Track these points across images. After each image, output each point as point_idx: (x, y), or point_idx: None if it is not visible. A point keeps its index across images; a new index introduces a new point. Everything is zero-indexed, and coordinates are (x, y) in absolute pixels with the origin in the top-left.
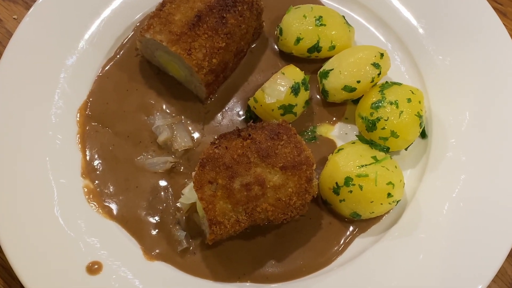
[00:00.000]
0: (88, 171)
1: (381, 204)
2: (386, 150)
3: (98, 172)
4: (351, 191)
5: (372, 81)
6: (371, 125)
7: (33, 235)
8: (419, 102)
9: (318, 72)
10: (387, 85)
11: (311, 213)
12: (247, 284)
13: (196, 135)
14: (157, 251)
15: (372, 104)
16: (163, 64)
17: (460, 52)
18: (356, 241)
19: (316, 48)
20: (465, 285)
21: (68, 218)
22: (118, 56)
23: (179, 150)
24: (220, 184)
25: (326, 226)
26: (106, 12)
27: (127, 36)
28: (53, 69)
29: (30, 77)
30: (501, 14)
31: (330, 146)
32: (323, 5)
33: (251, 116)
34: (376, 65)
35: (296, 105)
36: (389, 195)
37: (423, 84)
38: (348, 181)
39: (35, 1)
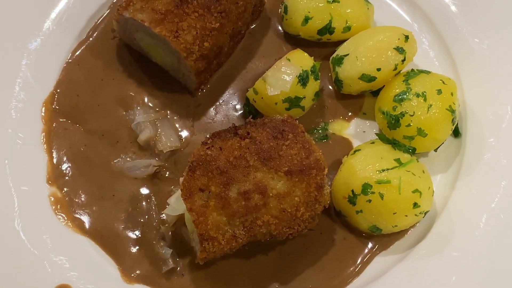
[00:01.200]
0: (55, 176)
1: (406, 216)
2: (412, 151)
3: (67, 178)
4: (369, 201)
5: (395, 68)
6: (394, 122)
7: None
8: (451, 94)
9: (331, 58)
10: (413, 73)
11: (322, 226)
12: None
13: (184, 133)
14: (137, 272)
15: (395, 96)
16: (145, 49)
17: (500, 34)
18: (375, 260)
19: (328, 29)
20: None
21: (32, 233)
22: (91, 39)
23: (164, 152)
24: (213, 192)
25: (340, 242)
26: None
27: (102, 15)
28: (13, 54)
29: None
30: None
31: (345, 147)
32: None
33: (250, 111)
34: (399, 50)
35: (304, 97)
36: (415, 205)
37: (456, 73)
38: (366, 188)
39: None
